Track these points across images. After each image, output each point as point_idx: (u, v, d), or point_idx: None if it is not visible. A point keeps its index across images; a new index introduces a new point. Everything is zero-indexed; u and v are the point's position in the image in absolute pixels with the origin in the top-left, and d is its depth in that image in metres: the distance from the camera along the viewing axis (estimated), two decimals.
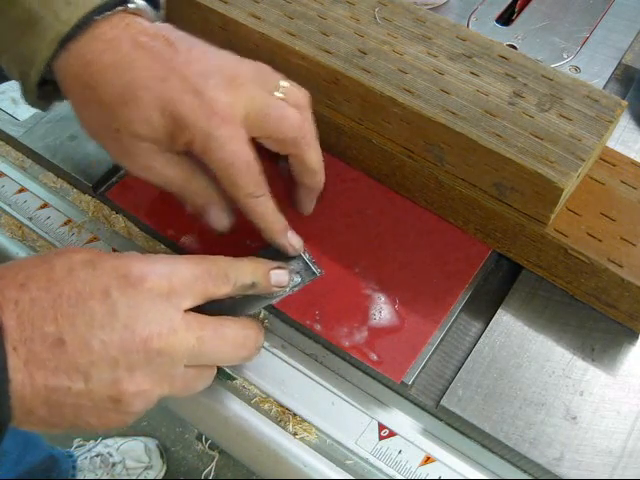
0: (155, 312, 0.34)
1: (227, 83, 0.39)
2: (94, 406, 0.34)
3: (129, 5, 0.41)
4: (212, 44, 0.42)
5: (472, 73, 0.45)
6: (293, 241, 0.43)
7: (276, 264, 0.41)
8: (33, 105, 0.44)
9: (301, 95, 0.42)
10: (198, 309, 0.36)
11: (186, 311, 0.36)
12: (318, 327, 0.44)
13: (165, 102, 0.38)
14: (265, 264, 0.40)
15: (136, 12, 0.41)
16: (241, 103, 0.39)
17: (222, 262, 0.38)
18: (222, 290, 0.37)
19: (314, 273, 0.43)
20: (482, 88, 0.44)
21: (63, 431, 0.36)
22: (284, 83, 0.42)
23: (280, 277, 0.41)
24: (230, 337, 0.37)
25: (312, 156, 0.43)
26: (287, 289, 0.41)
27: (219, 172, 0.39)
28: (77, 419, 0.34)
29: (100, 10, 0.39)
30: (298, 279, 0.42)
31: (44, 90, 0.42)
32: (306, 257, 0.43)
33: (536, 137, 0.42)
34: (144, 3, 0.42)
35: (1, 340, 0.31)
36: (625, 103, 0.43)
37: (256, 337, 0.39)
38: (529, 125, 0.42)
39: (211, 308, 0.37)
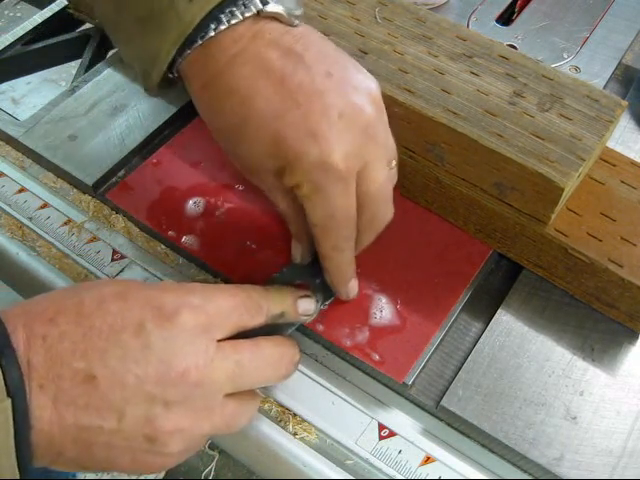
0: (191, 345, 0.33)
1: (358, 130, 0.36)
2: (128, 446, 0.32)
3: (267, 7, 0.36)
4: None
5: (472, 73, 0.45)
6: (351, 292, 0.43)
7: (303, 292, 0.41)
8: (151, 94, 0.41)
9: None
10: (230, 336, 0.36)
11: (219, 340, 0.34)
12: (320, 327, 0.44)
13: (278, 140, 0.35)
14: (292, 293, 0.40)
15: (272, 16, 0.36)
16: (361, 157, 0.36)
17: (255, 294, 0.37)
18: (256, 321, 0.36)
19: (334, 297, 0.43)
20: (482, 88, 0.44)
21: (95, 472, 0.34)
22: (394, 162, 0.39)
23: (307, 306, 0.40)
24: (267, 355, 0.36)
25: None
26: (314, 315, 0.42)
27: (315, 221, 0.37)
28: (109, 461, 0.33)
29: (227, 4, 0.35)
30: (322, 305, 0.43)
31: (165, 80, 0.39)
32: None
33: (537, 137, 0.42)
34: (282, 7, 0.36)
35: (21, 381, 0.30)
36: (625, 103, 0.43)
37: (292, 353, 0.38)
38: (530, 125, 0.42)
39: (243, 334, 0.36)
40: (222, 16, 0.35)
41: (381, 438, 0.42)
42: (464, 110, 0.43)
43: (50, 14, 0.66)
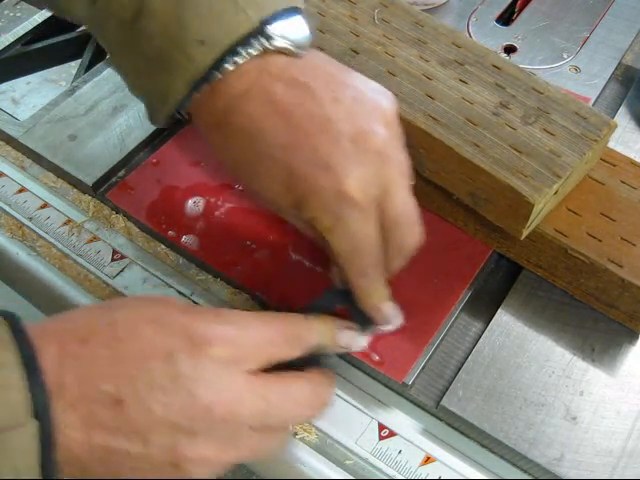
0: (220, 377, 0.32)
1: (372, 155, 0.35)
2: (153, 471, 0.32)
3: (273, 42, 0.35)
4: None
5: (461, 80, 0.44)
6: (388, 317, 0.39)
7: (345, 323, 0.38)
8: (155, 126, 0.41)
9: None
10: None
11: (253, 371, 0.33)
12: None
13: (291, 175, 0.35)
14: (333, 323, 0.37)
15: (280, 50, 0.36)
16: (378, 182, 0.35)
17: (295, 325, 0.35)
18: (293, 354, 0.35)
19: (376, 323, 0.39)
20: (468, 96, 0.44)
21: None
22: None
23: (348, 340, 0.38)
24: (299, 395, 0.35)
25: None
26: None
27: (338, 252, 0.36)
28: None
29: (237, 48, 0.35)
30: (364, 343, 0.39)
31: (171, 117, 0.39)
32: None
33: (514, 150, 0.41)
34: (289, 41, 0.35)
35: (48, 401, 0.29)
36: (615, 123, 0.42)
37: (325, 393, 0.36)
38: (509, 137, 0.41)
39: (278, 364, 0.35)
40: (228, 57, 0.35)
41: (381, 438, 0.42)
42: (445, 117, 0.43)
43: (50, 14, 0.66)
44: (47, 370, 0.30)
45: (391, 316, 0.39)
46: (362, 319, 0.38)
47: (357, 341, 0.39)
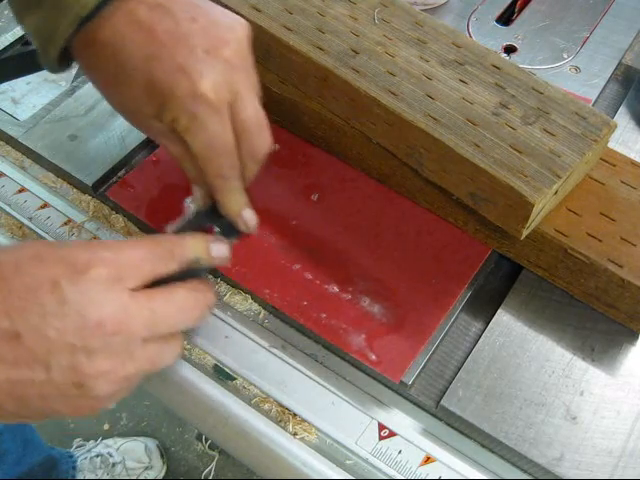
0: (105, 296, 0.35)
1: (224, 63, 0.40)
2: (60, 394, 0.34)
3: None
4: None
5: (461, 80, 0.44)
6: (250, 223, 0.44)
7: (213, 237, 0.42)
8: (52, 72, 0.44)
9: None
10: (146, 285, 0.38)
11: (134, 289, 0.37)
12: (318, 328, 0.44)
13: (152, 82, 0.39)
14: (204, 239, 0.41)
15: None
16: (230, 87, 0.40)
17: (165, 242, 0.39)
18: (169, 268, 0.38)
19: (240, 232, 0.44)
20: (468, 96, 0.44)
21: (38, 421, 0.36)
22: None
23: (221, 251, 0.42)
24: (181, 301, 0.38)
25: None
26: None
27: (197, 151, 0.41)
28: (46, 409, 0.35)
29: None
30: (231, 242, 0.43)
31: (64, 58, 0.43)
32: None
33: (515, 150, 0.41)
34: None
35: None
36: (615, 123, 0.42)
37: (205, 297, 0.40)
38: (509, 137, 0.41)
39: (160, 283, 0.38)
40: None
41: (381, 438, 0.42)
42: (445, 117, 0.43)
43: None
44: None
45: (251, 222, 0.43)
46: (227, 230, 0.43)
47: (228, 252, 0.42)
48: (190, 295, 0.39)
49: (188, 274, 0.39)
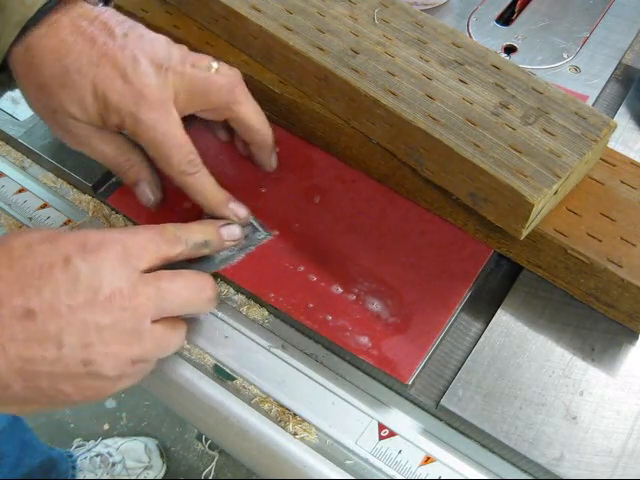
0: (114, 273, 0.36)
1: (156, 67, 0.42)
2: (68, 373, 0.35)
3: None
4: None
5: (461, 80, 0.44)
6: (237, 211, 0.45)
7: (224, 221, 0.44)
8: None
9: (232, 71, 0.45)
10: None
11: (144, 271, 0.38)
12: (323, 328, 0.44)
13: (97, 87, 0.42)
14: (213, 223, 0.43)
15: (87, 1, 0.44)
16: (169, 84, 0.42)
17: (172, 226, 0.41)
18: (176, 249, 0.40)
19: (263, 233, 0.45)
20: (468, 96, 0.44)
21: (40, 409, 0.37)
22: (214, 64, 0.45)
23: (231, 230, 0.44)
24: (188, 282, 0.39)
25: (249, 114, 0.46)
26: (240, 253, 0.44)
27: (151, 152, 0.43)
28: (52, 390, 0.35)
29: None
30: (248, 243, 0.45)
31: (1, 76, 0.45)
32: (254, 221, 0.46)
33: (514, 150, 0.41)
34: None
35: None
36: (615, 123, 0.42)
37: (211, 285, 0.41)
38: (509, 137, 0.41)
39: (169, 268, 0.40)
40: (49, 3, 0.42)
41: (381, 438, 0.42)
42: (445, 117, 0.43)
43: None
44: None
45: (240, 211, 0.45)
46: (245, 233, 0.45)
47: (241, 234, 0.45)
48: (196, 277, 0.40)
49: (196, 267, 0.41)
